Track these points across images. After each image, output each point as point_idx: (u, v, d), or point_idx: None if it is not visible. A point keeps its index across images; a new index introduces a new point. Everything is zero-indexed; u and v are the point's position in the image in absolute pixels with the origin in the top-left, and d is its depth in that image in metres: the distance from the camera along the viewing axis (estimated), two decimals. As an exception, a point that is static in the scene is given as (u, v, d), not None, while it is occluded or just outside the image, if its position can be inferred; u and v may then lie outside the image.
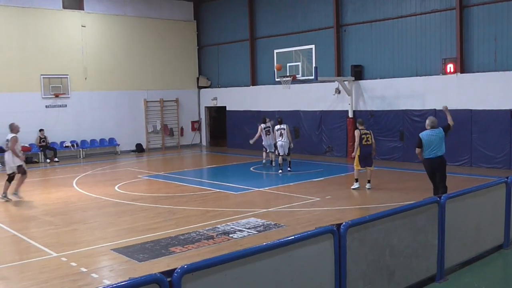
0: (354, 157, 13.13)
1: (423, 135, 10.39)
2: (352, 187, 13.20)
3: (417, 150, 10.51)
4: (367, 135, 13.03)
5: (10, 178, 12.84)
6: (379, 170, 16.51)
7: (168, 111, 25.71)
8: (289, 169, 16.35)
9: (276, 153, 16.69)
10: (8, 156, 12.80)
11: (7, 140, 12.84)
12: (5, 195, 12.82)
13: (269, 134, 17.31)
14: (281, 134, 16.29)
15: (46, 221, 10.57)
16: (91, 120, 23.18)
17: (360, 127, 13.10)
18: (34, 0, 21.41)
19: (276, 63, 18.64)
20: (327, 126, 20.66)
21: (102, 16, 23.43)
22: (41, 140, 21.20)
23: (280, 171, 16.26)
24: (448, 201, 6.28)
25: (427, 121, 10.61)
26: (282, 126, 16.42)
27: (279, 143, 16.28)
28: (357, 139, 12.93)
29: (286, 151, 16.31)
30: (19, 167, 12.82)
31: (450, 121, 10.81)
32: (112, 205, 12.09)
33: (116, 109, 23.88)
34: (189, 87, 26.57)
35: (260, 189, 13.60)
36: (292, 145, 16.59)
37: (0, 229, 9.99)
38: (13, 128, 12.97)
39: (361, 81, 19.47)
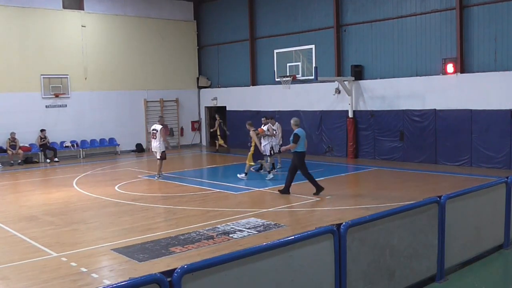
0: (263, 153, 15.03)
1: (299, 132, 12.19)
2: (240, 176, 15.00)
3: (294, 145, 12.07)
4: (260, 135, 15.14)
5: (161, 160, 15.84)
6: (379, 170, 16.53)
7: (168, 111, 25.71)
8: (275, 170, 16.16)
9: (270, 153, 15.80)
10: (156, 143, 15.60)
11: (155, 130, 15.64)
12: (160, 175, 15.78)
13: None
14: (274, 134, 16.05)
15: (46, 221, 10.57)
16: (91, 120, 23.18)
17: (253, 129, 15.01)
18: (34, 0, 21.41)
19: (276, 63, 18.64)
20: (327, 126, 20.66)
21: (102, 16, 23.44)
22: (42, 140, 21.21)
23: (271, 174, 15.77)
24: (448, 201, 6.28)
25: (295, 122, 12.58)
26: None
27: (274, 143, 15.94)
28: (256, 139, 14.84)
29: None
30: (163, 152, 15.59)
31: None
32: (112, 205, 12.09)
33: (116, 109, 23.88)
34: (189, 87, 26.58)
35: (260, 189, 13.60)
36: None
37: (0, 229, 10.00)
38: (161, 120, 16.29)
39: (361, 81, 19.47)
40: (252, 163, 14.97)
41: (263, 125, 16.15)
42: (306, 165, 12.35)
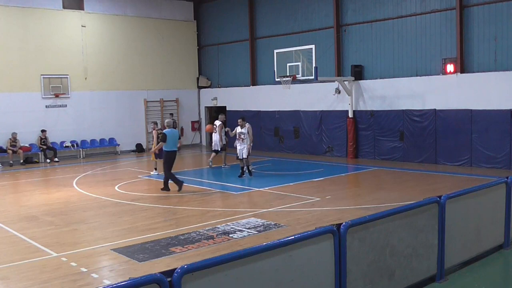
0: (154, 152, 16.02)
1: (167, 132, 13.30)
2: (153, 173, 16.52)
3: (163, 144, 13.27)
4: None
5: (216, 152, 18.06)
6: (379, 170, 16.52)
7: (168, 111, 25.70)
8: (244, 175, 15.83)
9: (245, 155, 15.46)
10: (216, 137, 17.85)
11: (215, 125, 17.84)
12: (225, 164, 18.06)
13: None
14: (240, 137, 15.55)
15: (46, 221, 10.57)
16: (91, 120, 23.19)
17: (156, 128, 16.55)
18: (34, 0, 21.42)
19: (276, 63, 18.63)
20: (327, 126, 20.66)
21: (102, 16, 23.44)
22: (42, 141, 21.18)
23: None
24: (448, 201, 6.28)
25: (167, 124, 13.84)
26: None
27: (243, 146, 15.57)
28: (155, 138, 16.14)
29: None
30: (224, 145, 17.88)
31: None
32: (112, 205, 12.08)
33: (116, 109, 23.88)
34: (189, 87, 26.58)
35: (260, 189, 13.59)
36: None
37: (0, 229, 10.00)
38: (221, 118, 18.25)
39: (361, 81, 19.47)
40: (156, 160, 16.33)
41: (239, 127, 15.47)
42: (172, 164, 13.39)
